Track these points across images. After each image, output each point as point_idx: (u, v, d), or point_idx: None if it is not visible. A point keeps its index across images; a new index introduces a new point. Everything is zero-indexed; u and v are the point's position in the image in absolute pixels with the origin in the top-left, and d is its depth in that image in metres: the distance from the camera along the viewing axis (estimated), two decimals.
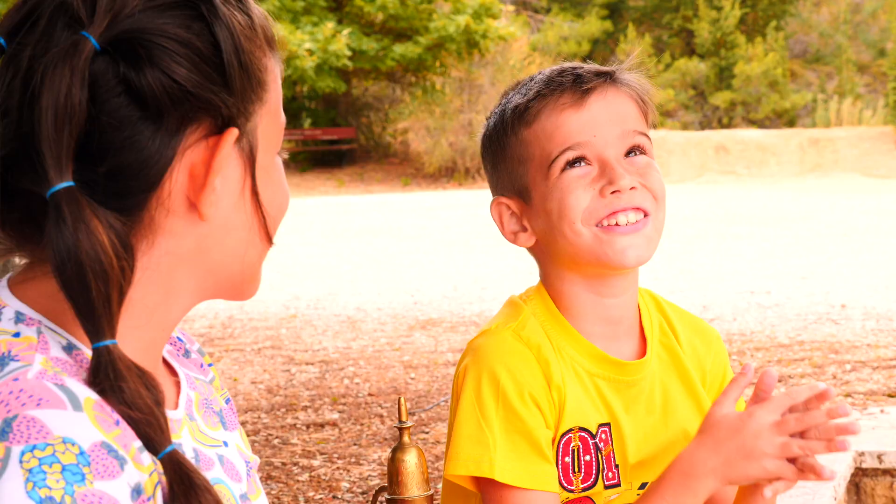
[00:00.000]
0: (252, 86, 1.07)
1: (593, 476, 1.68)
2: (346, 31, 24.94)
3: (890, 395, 6.14)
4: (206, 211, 1.05)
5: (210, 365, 1.32)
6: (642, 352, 1.74)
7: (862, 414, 4.56)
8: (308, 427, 5.88)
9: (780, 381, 6.38)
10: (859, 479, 3.89)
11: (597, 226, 1.63)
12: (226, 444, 1.22)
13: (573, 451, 1.67)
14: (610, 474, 1.69)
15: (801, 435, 1.49)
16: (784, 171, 29.27)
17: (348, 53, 24.51)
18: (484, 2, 25.83)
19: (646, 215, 1.65)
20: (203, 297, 1.12)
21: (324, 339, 8.60)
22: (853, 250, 13.39)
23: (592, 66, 1.69)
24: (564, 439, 1.66)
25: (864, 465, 3.87)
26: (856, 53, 36.63)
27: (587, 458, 1.67)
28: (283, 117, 1.14)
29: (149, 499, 0.97)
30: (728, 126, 33.85)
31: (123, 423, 0.97)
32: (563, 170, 1.64)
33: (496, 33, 26.29)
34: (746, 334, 8.22)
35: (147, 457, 0.98)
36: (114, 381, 0.96)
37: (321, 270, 13.01)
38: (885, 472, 3.86)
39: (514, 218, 1.72)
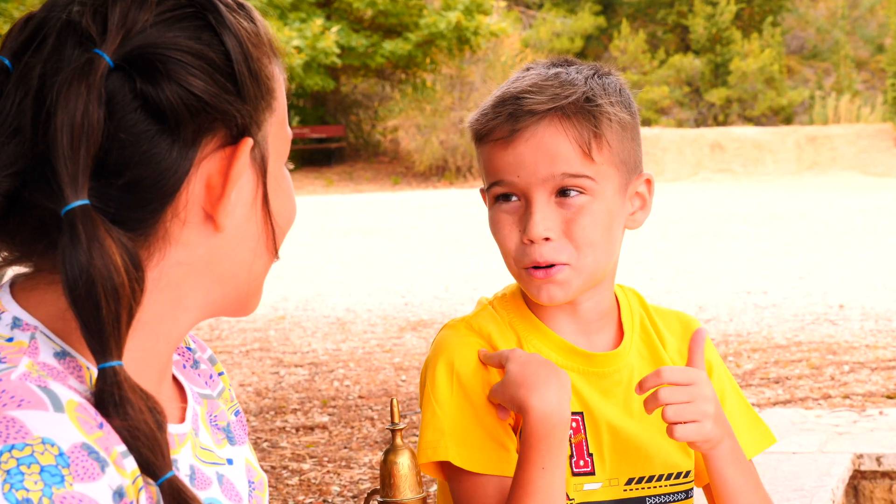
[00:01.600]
0: (262, 93, 1.09)
1: None
2: (334, 28, 25.05)
3: (889, 397, 6.20)
4: (222, 221, 1.07)
5: (221, 374, 1.32)
6: (618, 344, 1.77)
7: (860, 416, 4.52)
8: (297, 430, 5.93)
9: (777, 382, 6.67)
10: (858, 482, 3.89)
11: (523, 267, 1.69)
12: (230, 461, 1.22)
13: None
14: (581, 462, 1.71)
15: None
16: (781, 169, 29.34)
17: (337, 51, 24.59)
18: None
19: (564, 264, 1.67)
20: (209, 312, 1.13)
21: (313, 340, 8.62)
22: (851, 249, 13.42)
23: (543, 94, 1.67)
24: None
25: (862, 468, 3.88)
26: (854, 49, 36.83)
27: None
28: (289, 129, 1.16)
29: (131, 503, 0.96)
30: (724, 123, 34.03)
31: (107, 426, 0.96)
32: (496, 201, 1.70)
33: (487, 30, 26.49)
34: (743, 335, 8.22)
35: (131, 462, 0.97)
36: (118, 402, 0.97)
37: (310, 271, 12.98)
38: (884, 474, 3.86)
39: None
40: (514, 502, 1.56)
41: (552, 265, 1.65)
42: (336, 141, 31.82)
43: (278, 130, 1.13)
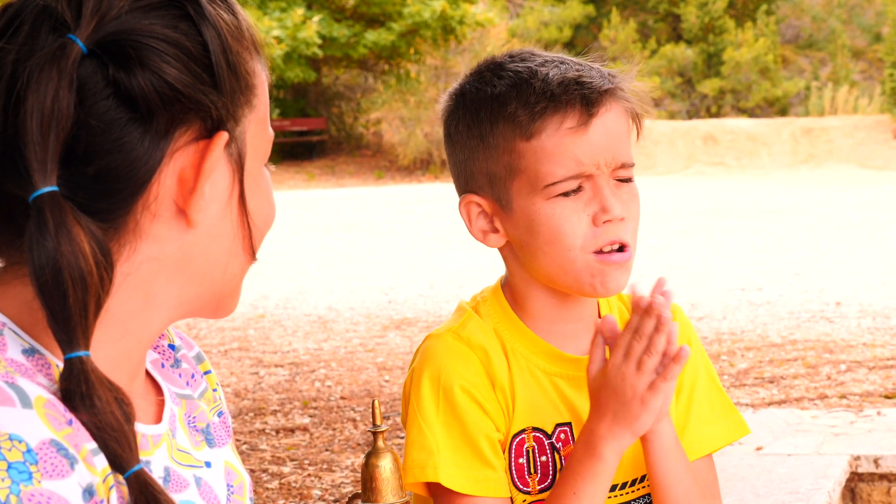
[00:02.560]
0: (241, 87, 1.09)
1: (550, 477, 1.72)
2: (316, 18, 25.36)
3: (887, 397, 6.20)
4: (194, 216, 1.07)
5: (207, 373, 1.32)
6: None
7: (857, 416, 4.52)
8: (277, 432, 5.94)
9: (771, 382, 6.70)
10: (855, 485, 3.89)
11: (593, 253, 1.67)
12: (208, 464, 1.22)
13: (527, 451, 1.72)
14: None
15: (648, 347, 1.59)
16: (776, 162, 29.49)
17: (318, 41, 24.83)
18: None
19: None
20: (183, 312, 1.14)
21: (294, 339, 8.63)
22: (848, 245, 13.42)
23: (594, 72, 1.69)
24: (517, 440, 1.72)
25: (859, 470, 3.88)
26: (850, 38, 37.35)
27: (543, 458, 1.71)
28: (271, 130, 1.17)
29: (101, 501, 0.96)
30: (717, 115, 34.39)
31: (77, 423, 0.97)
32: (557, 195, 1.67)
33: (473, 19, 26.90)
34: (737, 333, 8.19)
35: (101, 460, 0.97)
36: (84, 393, 0.97)
37: (290, 268, 12.92)
38: (882, 476, 3.86)
39: (484, 218, 1.73)
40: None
41: (625, 244, 1.66)
42: (317, 134, 32.12)
43: (258, 128, 1.13)
